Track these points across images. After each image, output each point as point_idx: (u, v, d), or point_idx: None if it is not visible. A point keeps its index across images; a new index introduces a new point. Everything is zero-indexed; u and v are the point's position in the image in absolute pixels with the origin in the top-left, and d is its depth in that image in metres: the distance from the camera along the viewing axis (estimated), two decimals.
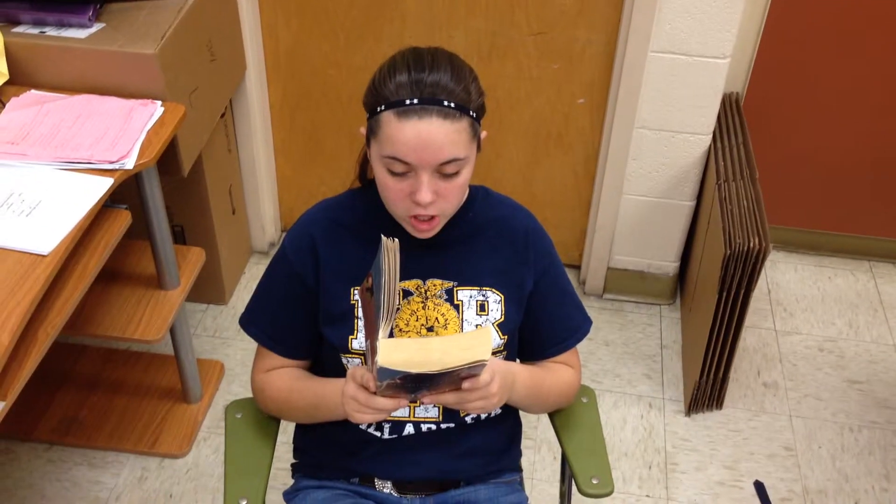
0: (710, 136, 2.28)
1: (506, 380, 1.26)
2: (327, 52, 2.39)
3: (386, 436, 1.35)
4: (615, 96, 2.27)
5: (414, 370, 1.07)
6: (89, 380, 2.29)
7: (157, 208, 1.88)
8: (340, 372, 1.30)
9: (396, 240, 1.12)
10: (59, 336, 1.59)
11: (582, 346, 1.42)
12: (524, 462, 2.05)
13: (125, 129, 1.76)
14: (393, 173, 1.19)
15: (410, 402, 1.19)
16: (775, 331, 2.54)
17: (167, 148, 1.84)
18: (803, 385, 2.38)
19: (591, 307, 2.56)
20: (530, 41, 2.28)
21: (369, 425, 1.35)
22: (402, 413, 1.33)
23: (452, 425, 1.35)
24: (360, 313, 1.29)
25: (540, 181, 2.52)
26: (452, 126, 1.16)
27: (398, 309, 1.29)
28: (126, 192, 1.81)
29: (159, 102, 1.84)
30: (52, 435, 2.15)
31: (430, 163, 1.17)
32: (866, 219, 2.69)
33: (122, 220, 1.74)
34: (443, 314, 1.30)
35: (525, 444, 2.06)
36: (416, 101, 1.15)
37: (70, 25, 1.88)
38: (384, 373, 1.09)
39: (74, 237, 1.56)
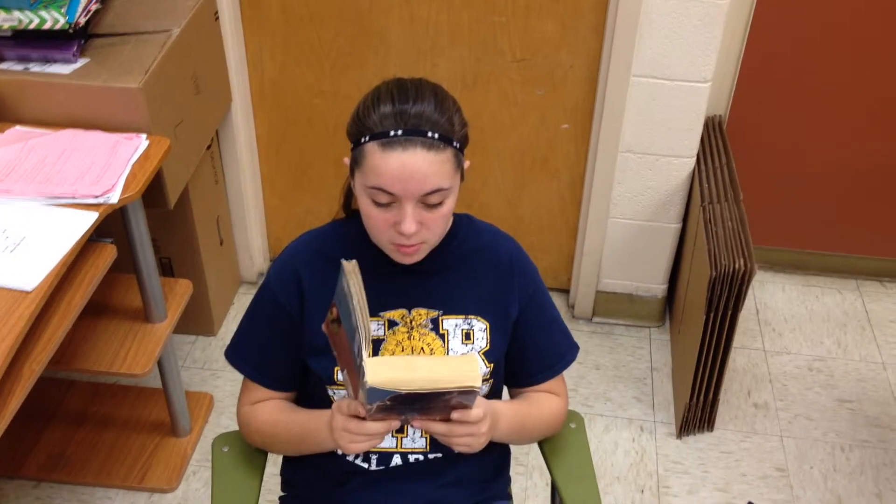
0: (694, 158, 2.30)
1: (492, 419, 1.25)
2: (312, 82, 2.40)
3: (373, 467, 1.34)
4: (599, 121, 2.29)
5: (403, 389, 1.06)
6: (77, 415, 2.27)
7: (142, 241, 1.88)
8: (327, 404, 1.29)
9: (354, 260, 1.09)
10: (45, 371, 1.58)
11: (572, 371, 1.42)
12: (516, 488, 2.04)
13: (110, 163, 1.76)
14: (377, 204, 1.20)
15: (402, 423, 1.17)
16: (764, 351, 2.54)
17: (153, 181, 1.84)
18: (794, 405, 2.38)
19: (581, 331, 2.56)
20: (514, 68, 2.29)
21: (356, 456, 1.34)
22: (389, 444, 1.33)
23: (440, 455, 1.35)
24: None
25: (527, 206, 2.53)
26: (436, 157, 1.16)
27: (383, 340, 1.29)
28: (112, 225, 1.80)
29: (144, 136, 1.84)
30: (40, 472, 2.13)
31: (414, 193, 1.17)
32: (852, 237, 2.70)
33: (108, 254, 1.74)
34: (428, 344, 1.30)
35: (517, 470, 2.05)
36: (400, 132, 1.15)
37: (55, 61, 1.88)
38: (374, 394, 1.07)
39: (59, 272, 1.55)
